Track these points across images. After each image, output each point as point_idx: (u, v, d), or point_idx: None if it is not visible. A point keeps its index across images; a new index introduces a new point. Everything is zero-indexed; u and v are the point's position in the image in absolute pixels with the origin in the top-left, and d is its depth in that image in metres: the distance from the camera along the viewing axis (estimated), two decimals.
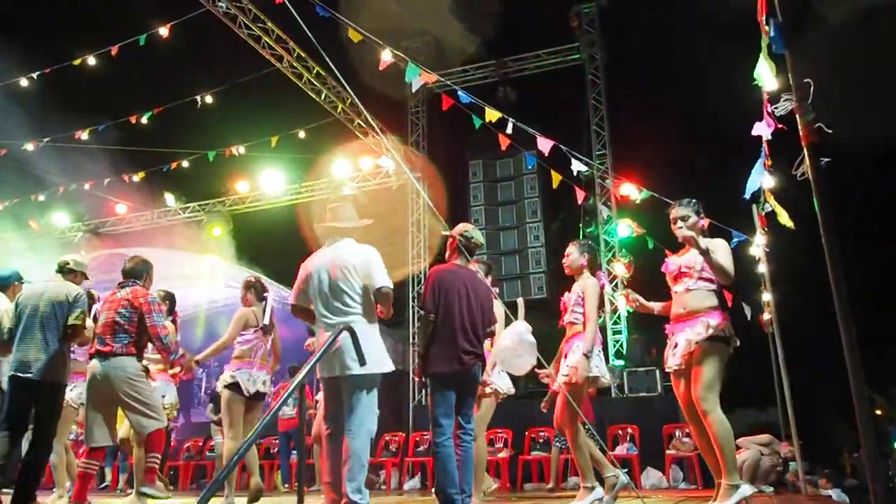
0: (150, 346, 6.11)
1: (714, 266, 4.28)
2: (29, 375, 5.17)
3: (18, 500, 5.07)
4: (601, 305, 5.21)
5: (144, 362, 5.64)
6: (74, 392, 6.40)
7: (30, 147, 12.71)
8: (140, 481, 5.38)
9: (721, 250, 4.37)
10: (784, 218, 4.91)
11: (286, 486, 10.34)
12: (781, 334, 7.45)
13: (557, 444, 8.60)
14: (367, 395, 4.04)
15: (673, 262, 4.61)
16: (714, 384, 4.26)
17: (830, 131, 2.50)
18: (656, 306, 4.78)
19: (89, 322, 5.69)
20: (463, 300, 4.49)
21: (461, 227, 4.82)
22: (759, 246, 6.15)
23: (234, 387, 5.86)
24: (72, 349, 5.76)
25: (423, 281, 13.47)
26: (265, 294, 6.20)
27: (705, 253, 4.25)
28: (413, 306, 13.38)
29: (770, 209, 5.04)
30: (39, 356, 5.22)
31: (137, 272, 5.57)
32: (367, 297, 4.20)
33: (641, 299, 4.83)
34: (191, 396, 15.51)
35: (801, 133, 2.51)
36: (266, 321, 6.07)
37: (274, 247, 13.54)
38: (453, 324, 4.44)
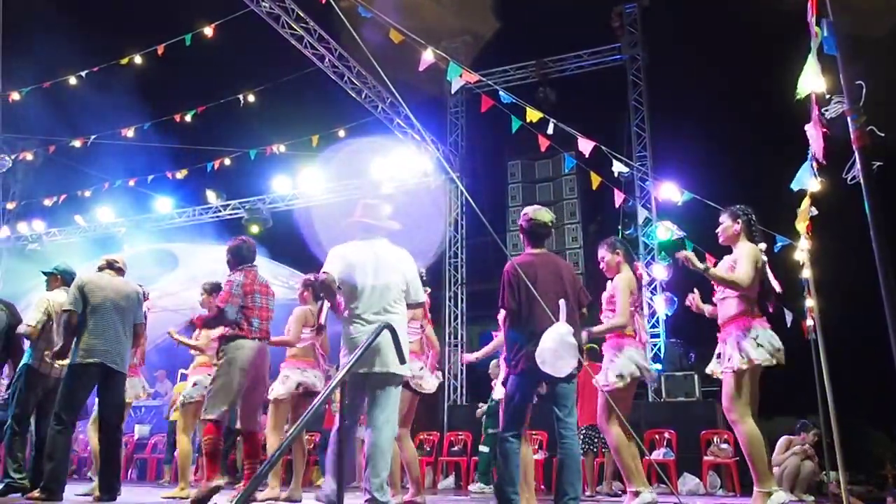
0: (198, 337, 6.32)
1: (717, 281, 4.36)
2: (112, 366, 5.29)
3: (105, 488, 5.23)
4: (640, 303, 5.15)
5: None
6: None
7: (77, 144, 13.03)
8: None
9: (742, 259, 4.35)
10: (801, 225, 4.83)
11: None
12: (824, 341, 7.30)
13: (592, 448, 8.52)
14: (396, 393, 4.13)
15: (720, 265, 4.61)
16: (744, 395, 4.26)
17: (883, 134, 2.46)
18: (707, 309, 4.77)
19: None
20: (547, 290, 4.22)
21: (523, 211, 4.65)
22: (803, 251, 6.03)
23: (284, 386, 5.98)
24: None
25: (459, 280, 13.51)
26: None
27: (704, 272, 4.32)
28: (449, 306, 13.40)
29: (814, 213, 4.94)
30: (119, 347, 5.34)
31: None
32: (404, 300, 4.29)
33: (698, 300, 4.82)
34: None
35: (852, 136, 2.46)
36: (323, 320, 6.13)
37: (312, 245, 13.66)
38: (533, 318, 4.20)
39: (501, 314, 5.13)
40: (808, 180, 4.31)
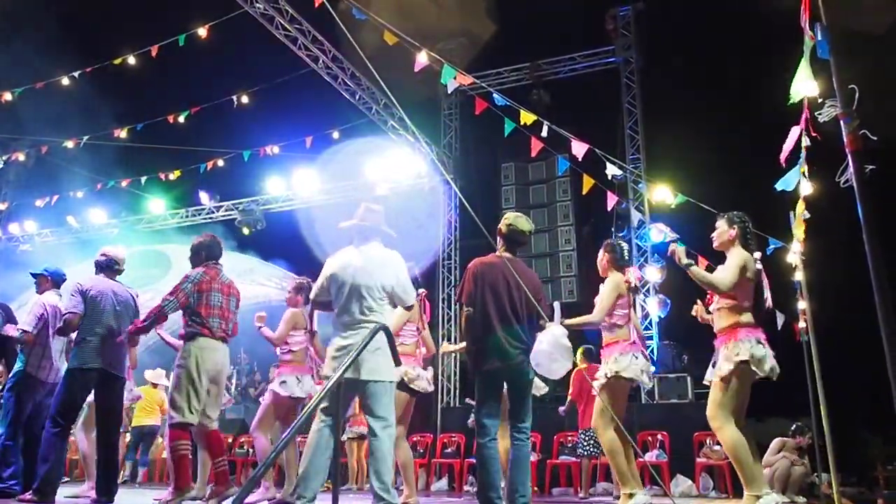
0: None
1: (697, 280, 4.40)
2: (111, 371, 5.27)
3: (103, 490, 5.22)
4: (632, 304, 5.17)
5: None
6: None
7: (70, 145, 12.98)
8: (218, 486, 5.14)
9: (727, 264, 4.42)
10: (798, 230, 4.86)
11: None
12: (816, 344, 7.33)
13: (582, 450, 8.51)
14: (389, 399, 4.09)
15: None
16: (726, 402, 4.32)
17: (875, 138, 2.47)
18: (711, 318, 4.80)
19: None
20: (502, 292, 4.33)
21: (505, 216, 4.69)
22: (795, 253, 6.05)
23: (284, 389, 5.92)
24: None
25: (453, 282, 13.51)
26: None
27: (687, 268, 4.38)
28: (443, 308, 13.40)
29: (807, 216, 4.98)
30: (117, 352, 5.32)
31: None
32: (389, 305, 4.26)
33: (702, 311, 4.82)
34: None
35: (845, 140, 2.47)
36: (315, 325, 6.10)
37: (306, 246, 13.65)
38: (491, 318, 4.30)
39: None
40: (793, 182, 4.35)
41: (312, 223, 13.75)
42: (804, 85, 3.23)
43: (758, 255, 4.60)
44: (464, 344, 5.70)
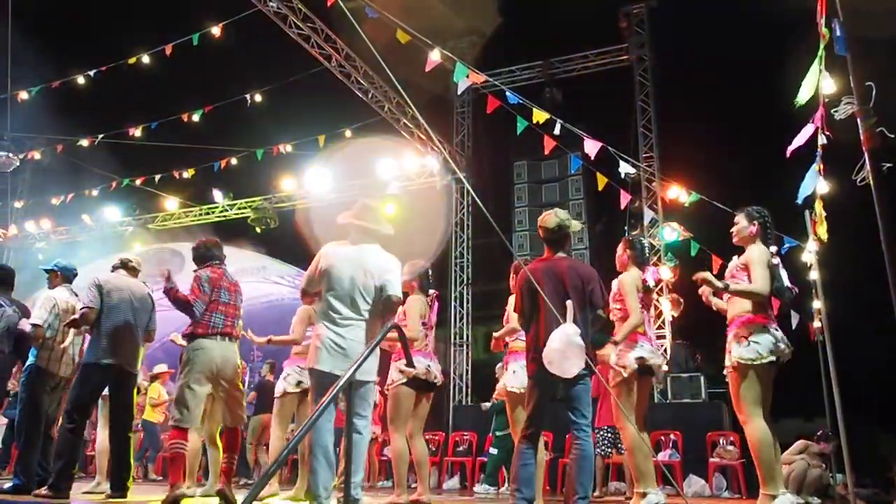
0: None
1: (739, 295, 4.32)
2: (126, 367, 5.32)
3: (116, 485, 5.27)
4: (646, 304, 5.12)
5: None
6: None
7: (85, 143, 13.08)
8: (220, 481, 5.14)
9: (754, 266, 4.33)
10: (822, 230, 4.82)
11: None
12: (831, 343, 7.26)
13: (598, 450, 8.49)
14: (372, 398, 4.13)
15: (730, 266, 4.59)
16: (747, 393, 4.23)
17: (893, 136, 2.44)
18: (714, 303, 4.74)
19: None
20: (549, 295, 4.18)
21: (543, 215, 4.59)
22: (810, 252, 6.01)
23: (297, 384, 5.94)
24: None
25: (465, 280, 13.50)
26: None
27: (725, 289, 4.30)
28: (454, 306, 13.40)
29: (824, 215, 4.94)
30: (132, 348, 5.36)
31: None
32: (376, 305, 4.21)
33: (709, 294, 4.75)
34: None
35: (862, 137, 2.45)
36: None
37: (318, 244, 13.66)
38: (540, 321, 4.21)
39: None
40: (812, 187, 4.30)
41: (325, 221, 13.75)
42: (812, 87, 3.20)
43: (774, 248, 4.55)
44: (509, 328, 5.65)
